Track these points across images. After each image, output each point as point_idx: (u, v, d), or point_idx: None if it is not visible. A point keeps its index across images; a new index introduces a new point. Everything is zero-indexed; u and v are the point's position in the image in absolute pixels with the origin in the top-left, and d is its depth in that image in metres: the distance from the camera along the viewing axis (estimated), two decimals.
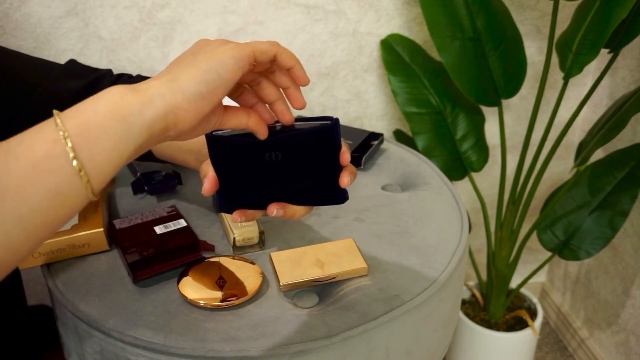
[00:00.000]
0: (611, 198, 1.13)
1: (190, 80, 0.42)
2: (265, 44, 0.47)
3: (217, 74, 0.43)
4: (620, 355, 1.34)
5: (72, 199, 0.38)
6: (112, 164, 0.39)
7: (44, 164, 0.37)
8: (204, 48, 0.45)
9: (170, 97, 0.41)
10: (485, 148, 1.17)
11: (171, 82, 0.42)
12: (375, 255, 0.71)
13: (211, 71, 0.43)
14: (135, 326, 0.60)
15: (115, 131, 0.39)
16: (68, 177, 0.38)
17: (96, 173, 0.39)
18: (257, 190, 0.53)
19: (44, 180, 0.37)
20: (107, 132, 0.39)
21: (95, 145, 0.38)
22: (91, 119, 0.39)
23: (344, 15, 1.11)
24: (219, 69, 0.43)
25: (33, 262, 0.68)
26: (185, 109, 0.42)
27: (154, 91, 0.41)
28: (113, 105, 0.39)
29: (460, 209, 0.82)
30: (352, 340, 0.61)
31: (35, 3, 0.98)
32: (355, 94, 1.20)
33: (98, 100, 0.40)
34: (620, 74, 1.24)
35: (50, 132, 0.38)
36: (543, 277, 1.64)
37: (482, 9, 1.02)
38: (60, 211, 0.38)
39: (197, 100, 0.42)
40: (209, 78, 0.42)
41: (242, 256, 0.70)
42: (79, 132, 0.38)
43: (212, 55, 0.44)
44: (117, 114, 0.39)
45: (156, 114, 0.40)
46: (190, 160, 0.71)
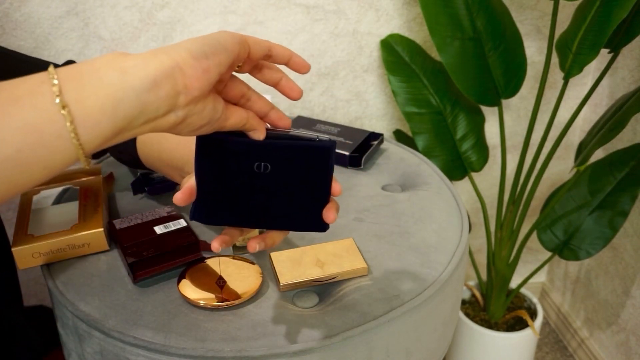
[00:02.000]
0: (611, 198, 1.13)
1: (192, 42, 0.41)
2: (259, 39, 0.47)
3: (218, 41, 0.42)
4: (620, 355, 1.34)
5: (53, 141, 0.35)
6: (105, 113, 0.36)
7: (25, 99, 0.34)
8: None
9: (174, 52, 0.39)
10: (485, 148, 1.17)
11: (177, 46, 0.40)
12: (375, 255, 0.71)
13: (212, 38, 0.42)
14: (135, 326, 0.60)
15: (111, 79, 0.36)
16: (50, 114, 0.34)
17: (84, 118, 0.35)
18: (238, 204, 0.50)
19: (22, 113, 0.34)
20: (102, 79, 0.36)
21: (85, 88, 0.35)
22: (85, 67, 0.37)
23: (344, 15, 1.11)
24: (219, 38, 0.42)
25: (33, 262, 0.68)
26: (192, 66, 0.40)
27: (159, 51, 0.39)
28: (111, 59, 0.37)
29: (460, 209, 0.82)
30: (352, 340, 0.61)
31: (35, 3, 0.98)
32: (355, 94, 1.20)
33: (97, 58, 0.38)
34: (620, 74, 1.24)
35: (39, 76, 0.36)
36: (543, 277, 1.64)
37: (482, 9, 1.02)
38: (37, 151, 0.34)
39: (202, 59, 0.40)
40: (210, 42, 0.42)
41: (242, 256, 0.70)
42: (69, 75, 0.36)
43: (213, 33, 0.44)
44: (115, 65, 0.37)
45: (161, 67, 0.38)
46: (174, 176, 0.70)
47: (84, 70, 0.36)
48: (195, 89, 0.40)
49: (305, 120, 1.00)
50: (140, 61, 0.38)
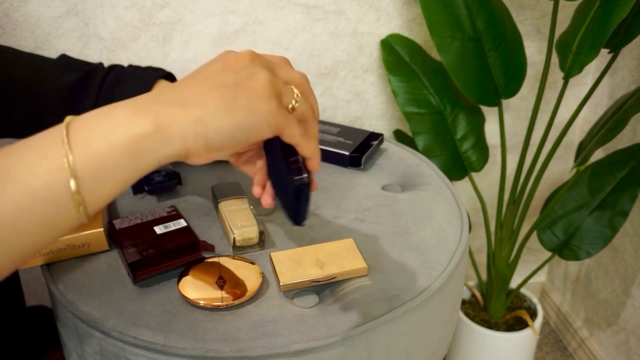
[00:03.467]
0: (611, 198, 1.13)
1: (218, 131, 0.39)
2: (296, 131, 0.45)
3: (247, 136, 0.40)
4: (620, 355, 1.34)
5: (64, 227, 0.36)
6: (112, 195, 0.37)
7: (42, 193, 0.34)
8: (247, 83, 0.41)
9: (192, 141, 0.38)
10: (485, 148, 1.17)
11: (198, 123, 0.38)
12: (375, 255, 0.71)
13: (243, 130, 0.40)
14: (135, 326, 0.60)
15: (126, 167, 0.36)
16: (65, 209, 0.35)
17: (94, 204, 0.37)
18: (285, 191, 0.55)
19: (40, 210, 0.35)
20: (117, 167, 0.36)
21: (100, 180, 0.36)
22: (103, 151, 0.36)
23: (344, 15, 1.11)
24: (251, 130, 0.40)
25: (33, 262, 0.68)
26: (200, 156, 0.39)
27: (177, 129, 0.38)
28: (129, 139, 0.36)
29: (460, 209, 0.82)
30: (352, 340, 0.61)
31: (35, 3, 0.98)
32: (355, 94, 1.20)
33: (114, 129, 0.36)
34: (620, 74, 1.24)
35: (55, 158, 0.35)
36: (543, 277, 1.64)
37: (482, 9, 1.02)
38: (49, 236, 0.36)
39: (216, 151, 0.40)
40: (237, 136, 0.40)
41: (242, 256, 0.70)
42: (86, 164, 0.35)
43: (252, 108, 0.40)
44: (132, 150, 0.36)
45: (171, 154, 0.38)
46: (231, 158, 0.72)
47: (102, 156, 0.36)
48: (192, 163, 0.41)
49: None
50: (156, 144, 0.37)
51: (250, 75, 0.41)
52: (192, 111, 0.38)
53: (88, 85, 0.71)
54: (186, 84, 0.41)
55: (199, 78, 0.41)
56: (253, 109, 0.40)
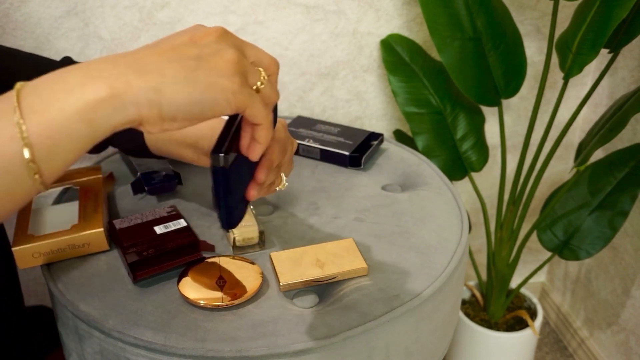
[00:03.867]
0: (611, 198, 1.13)
1: (174, 102, 0.38)
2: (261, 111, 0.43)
3: (203, 110, 0.39)
4: (620, 355, 1.34)
5: (21, 196, 0.36)
6: (68, 162, 0.36)
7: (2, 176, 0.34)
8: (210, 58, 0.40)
9: (146, 109, 0.37)
10: (485, 148, 1.17)
11: (154, 91, 0.37)
12: (375, 255, 0.71)
13: (200, 104, 0.39)
14: (135, 326, 0.60)
15: (80, 134, 0.36)
16: (21, 178, 0.35)
17: (50, 173, 0.36)
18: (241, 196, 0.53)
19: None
20: (71, 135, 0.35)
21: (55, 148, 0.35)
22: (56, 119, 0.35)
23: (344, 15, 1.11)
24: (208, 105, 0.39)
25: (33, 262, 0.68)
26: (153, 124, 0.39)
27: (131, 96, 0.37)
28: (83, 105, 0.35)
29: (460, 209, 0.82)
30: (352, 340, 0.61)
31: (35, 3, 0.98)
32: (355, 94, 1.20)
33: (67, 96, 0.35)
34: (620, 74, 1.24)
35: (7, 127, 0.34)
36: (543, 277, 1.64)
37: (482, 9, 1.02)
38: (6, 207, 0.36)
39: (170, 122, 0.39)
40: (193, 109, 0.39)
41: (242, 256, 0.70)
42: (40, 133, 0.35)
43: (212, 83, 0.39)
44: (86, 116, 0.35)
45: (125, 122, 0.37)
46: (186, 154, 0.70)
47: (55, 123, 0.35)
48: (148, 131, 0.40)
49: (305, 120, 1.00)
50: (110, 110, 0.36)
51: (216, 51, 0.40)
52: (148, 79, 0.37)
53: None
54: (147, 52, 0.39)
55: (162, 48, 0.40)
56: (213, 84, 0.39)
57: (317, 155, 0.91)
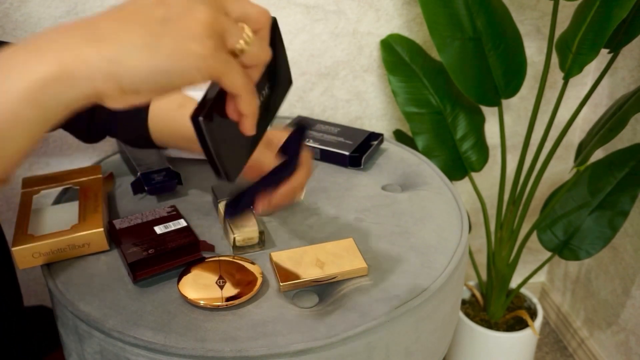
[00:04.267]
0: (611, 198, 1.13)
1: (134, 73, 0.33)
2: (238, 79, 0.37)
3: (169, 80, 0.34)
4: (620, 355, 1.34)
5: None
6: (24, 150, 0.33)
7: None
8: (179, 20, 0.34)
9: (101, 83, 0.33)
10: (485, 148, 1.17)
11: (110, 63, 0.33)
12: (375, 255, 0.71)
13: (165, 74, 0.34)
14: (135, 326, 0.60)
15: (28, 118, 0.32)
16: None
17: (5, 162, 0.33)
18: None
19: None
20: (19, 120, 0.32)
21: (4, 136, 0.32)
22: (1, 104, 0.31)
23: (344, 15, 1.11)
24: (174, 74, 0.34)
25: (33, 262, 0.68)
26: (114, 99, 0.34)
27: (83, 70, 0.32)
28: (27, 86, 0.31)
29: (460, 209, 0.82)
30: (352, 340, 0.61)
31: (35, 3, 0.98)
32: (355, 94, 1.20)
33: (9, 77, 0.31)
34: (620, 74, 1.24)
35: None
36: (543, 277, 1.64)
37: (482, 9, 1.02)
38: None
39: (133, 95, 0.34)
40: (158, 80, 0.34)
41: (242, 256, 0.70)
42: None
43: (178, 49, 0.34)
44: (32, 99, 0.32)
45: (78, 98, 0.33)
46: (191, 147, 0.70)
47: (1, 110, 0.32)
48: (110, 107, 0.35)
49: (305, 120, 1.00)
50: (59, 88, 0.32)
51: (186, 10, 0.34)
52: (104, 49, 0.33)
53: None
54: (107, 16, 0.35)
55: (125, 11, 0.35)
56: (179, 50, 0.34)
57: (317, 155, 0.91)
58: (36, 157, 1.10)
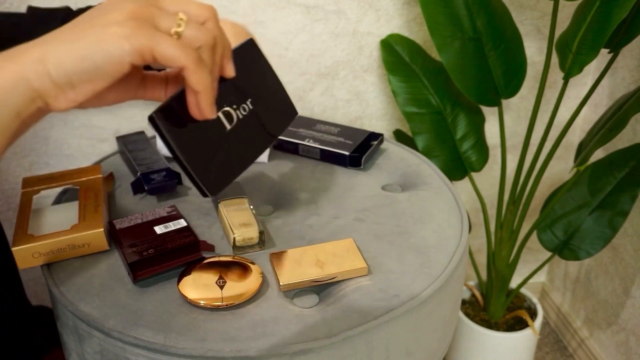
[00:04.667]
0: (611, 198, 1.13)
1: (60, 65, 0.34)
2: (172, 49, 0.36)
3: (95, 65, 0.34)
4: (620, 355, 1.34)
5: None
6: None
7: None
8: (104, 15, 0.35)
9: (36, 81, 0.34)
10: (485, 148, 1.17)
11: (38, 62, 0.34)
12: (375, 255, 0.71)
13: (88, 59, 0.34)
14: (135, 326, 0.61)
15: None
16: None
17: None
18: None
19: None
20: None
21: None
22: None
23: (344, 15, 1.11)
24: (98, 57, 0.34)
25: (33, 262, 0.68)
26: (54, 96, 0.35)
27: (17, 72, 0.34)
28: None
29: (460, 209, 0.82)
30: (352, 340, 0.61)
31: (35, 3, 0.98)
32: (355, 94, 1.20)
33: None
34: (620, 74, 1.24)
35: None
36: (543, 277, 1.64)
37: (482, 9, 1.02)
38: None
39: (68, 89, 0.35)
40: (83, 67, 0.34)
41: (242, 256, 0.70)
42: None
43: (100, 33, 0.34)
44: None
45: (22, 101, 0.34)
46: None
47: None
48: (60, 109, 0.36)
49: (305, 120, 1.00)
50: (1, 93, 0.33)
51: (113, 6, 0.36)
52: (33, 52, 0.34)
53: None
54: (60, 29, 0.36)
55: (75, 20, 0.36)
56: (101, 35, 0.34)
57: (317, 155, 0.91)
58: (36, 157, 1.10)
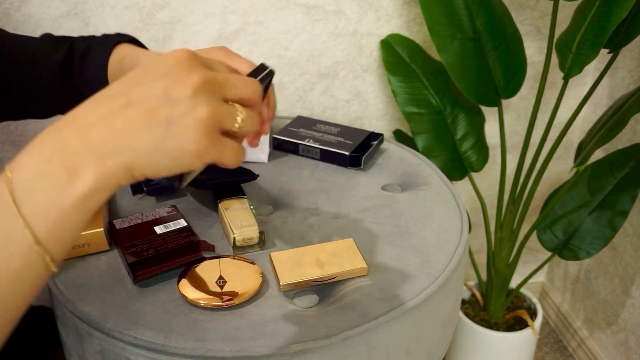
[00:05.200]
0: (611, 198, 1.13)
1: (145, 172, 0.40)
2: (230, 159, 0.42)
3: (176, 171, 0.41)
4: (620, 355, 1.34)
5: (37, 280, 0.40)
6: (74, 239, 0.41)
7: (23, 273, 0.38)
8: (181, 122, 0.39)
9: (124, 181, 0.40)
10: (485, 148, 1.17)
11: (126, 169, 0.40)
12: (375, 255, 0.71)
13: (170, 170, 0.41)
14: (135, 326, 0.61)
15: (79, 219, 0.40)
16: (42, 275, 0.39)
17: (60, 253, 0.40)
18: None
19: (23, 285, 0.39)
20: (72, 224, 0.39)
21: (61, 237, 0.39)
22: (58, 218, 0.39)
23: (344, 15, 1.11)
24: (179, 169, 0.40)
25: None
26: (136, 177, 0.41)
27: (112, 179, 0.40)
28: (76, 200, 0.39)
29: (460, 209, 0.82)
30: (352, 340, 0.61)
31: (35, 3, 0.98)
32: (355, 94, 1.20)
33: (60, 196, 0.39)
34: (620, 74, 1.24)
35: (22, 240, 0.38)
36: (543, 277, 1.64)
37: (482, 9, 1.02)
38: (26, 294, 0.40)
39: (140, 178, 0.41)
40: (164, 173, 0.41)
41: (242, 256, 0.70)
42: (46, 232, 0.38)
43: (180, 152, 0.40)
44: (81, 206, 0.39)
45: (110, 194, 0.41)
46: None
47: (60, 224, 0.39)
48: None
49: (305, 120, 1.00)
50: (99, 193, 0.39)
51: (188, 110, 0.39)
52: (123, 159, 0.40)
53: (72, 59, 0.73)
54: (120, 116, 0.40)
55: (135, 103, 0.40)
56: (181, 154, 0.40)
57: (317, 155, 0.91)
58: None
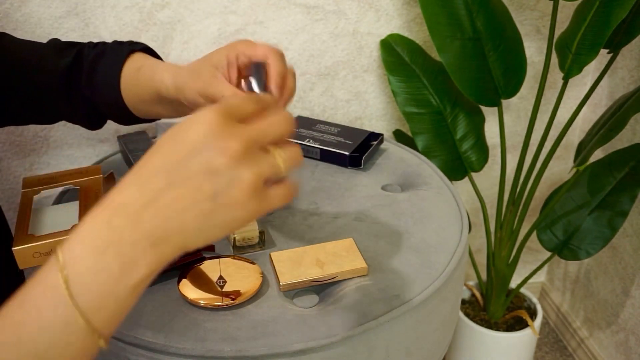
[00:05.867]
0: (611, 198, 1.13)
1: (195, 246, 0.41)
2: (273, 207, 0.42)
3: (218, 237, 0.41)
4: (620, 355, 1.34)
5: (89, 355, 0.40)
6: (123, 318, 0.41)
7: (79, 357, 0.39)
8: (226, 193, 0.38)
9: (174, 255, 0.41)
10: (485, 148, 1.17)
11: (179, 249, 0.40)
12: (375, 255, 0.71)
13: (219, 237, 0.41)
14: (136, 326, 0.61)
15: (132, 302, 0.40)
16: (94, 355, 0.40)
17: (109, 332, 0.40)
18: None
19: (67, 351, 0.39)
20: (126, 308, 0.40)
21: (115, 320, 0.40)
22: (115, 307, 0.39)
23: (344, 15, 1.11)
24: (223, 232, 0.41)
25: (34, 262, 0.68)
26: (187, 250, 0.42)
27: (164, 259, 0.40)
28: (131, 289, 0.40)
29: (460, 209, 0.82)
30: (352, 340, 0.61)
31: (35, 3, 0.98)
32: (355, 94, 1.20)
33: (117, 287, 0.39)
34: (620, 74, 1.24)
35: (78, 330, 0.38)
36: (543, 277, 1.64)
37: (482, 9, 1.02)
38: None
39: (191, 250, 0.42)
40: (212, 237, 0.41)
41: (242, 256, 0.70)
42: (105, 321, 0.39)
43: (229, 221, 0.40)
44: (135, 293, 0.40)
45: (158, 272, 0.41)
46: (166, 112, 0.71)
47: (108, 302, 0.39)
48: None
49: (305, 120, 1.00)
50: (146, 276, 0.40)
51: (232, 180, 0.38)
52: (174, 243, 0.40)
53: (80, 65, 0.73)
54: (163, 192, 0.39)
55: (177, 183, 0.39)
56: (231, 221, 0.40)
57: (317, 155, 0.91)
58: (36, 157, 1.10)
